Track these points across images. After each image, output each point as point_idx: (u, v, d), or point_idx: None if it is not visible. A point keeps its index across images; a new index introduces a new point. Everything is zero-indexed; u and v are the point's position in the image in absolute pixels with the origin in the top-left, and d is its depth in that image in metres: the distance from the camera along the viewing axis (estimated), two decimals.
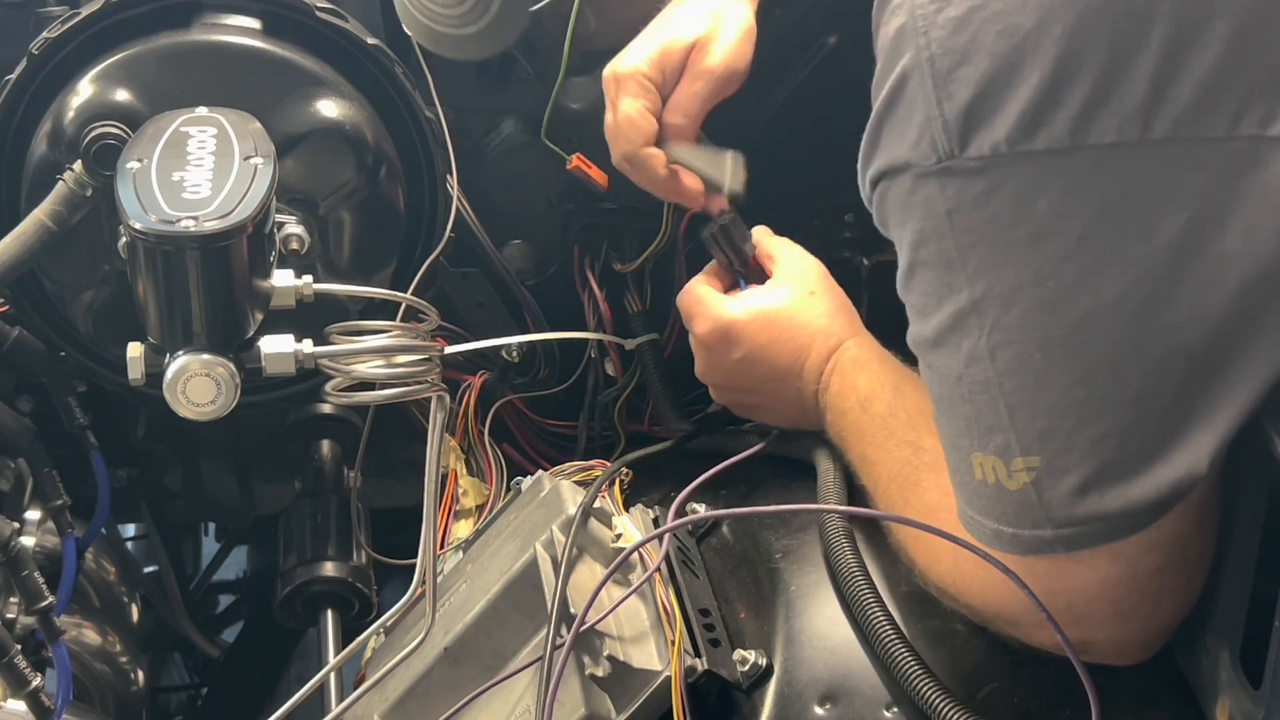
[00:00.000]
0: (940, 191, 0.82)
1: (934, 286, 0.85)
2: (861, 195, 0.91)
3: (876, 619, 0.98)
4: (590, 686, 1.01)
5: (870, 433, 1.09)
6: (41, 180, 1.22)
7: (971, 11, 0.79)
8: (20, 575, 1.15)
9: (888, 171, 0.85)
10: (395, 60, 1.31)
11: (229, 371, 0.99)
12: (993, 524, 0.88)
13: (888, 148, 0.85)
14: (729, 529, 1.17)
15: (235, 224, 1.01)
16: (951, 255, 0.83)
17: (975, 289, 0.83)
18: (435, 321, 1.07)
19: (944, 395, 0.88)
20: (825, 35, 1.38)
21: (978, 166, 0.80)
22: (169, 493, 1.62)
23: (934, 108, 0.80)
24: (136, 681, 1.42)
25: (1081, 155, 0.78)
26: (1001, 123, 0.78)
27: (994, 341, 0.83)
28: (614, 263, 1.45)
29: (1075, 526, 0.84)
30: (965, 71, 0.79)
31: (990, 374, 0.84)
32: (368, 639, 1.17)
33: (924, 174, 0.82)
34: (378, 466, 1.49)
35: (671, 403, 1.40)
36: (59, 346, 1.32)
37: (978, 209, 0.81)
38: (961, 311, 0.84)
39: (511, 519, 1.22)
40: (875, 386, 1.11)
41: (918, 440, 1.03)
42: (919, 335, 0.89)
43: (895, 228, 0.87)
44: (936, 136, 0.81)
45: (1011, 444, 0.84)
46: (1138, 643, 0.92)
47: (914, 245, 0.85)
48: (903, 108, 0.83)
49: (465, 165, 1.41)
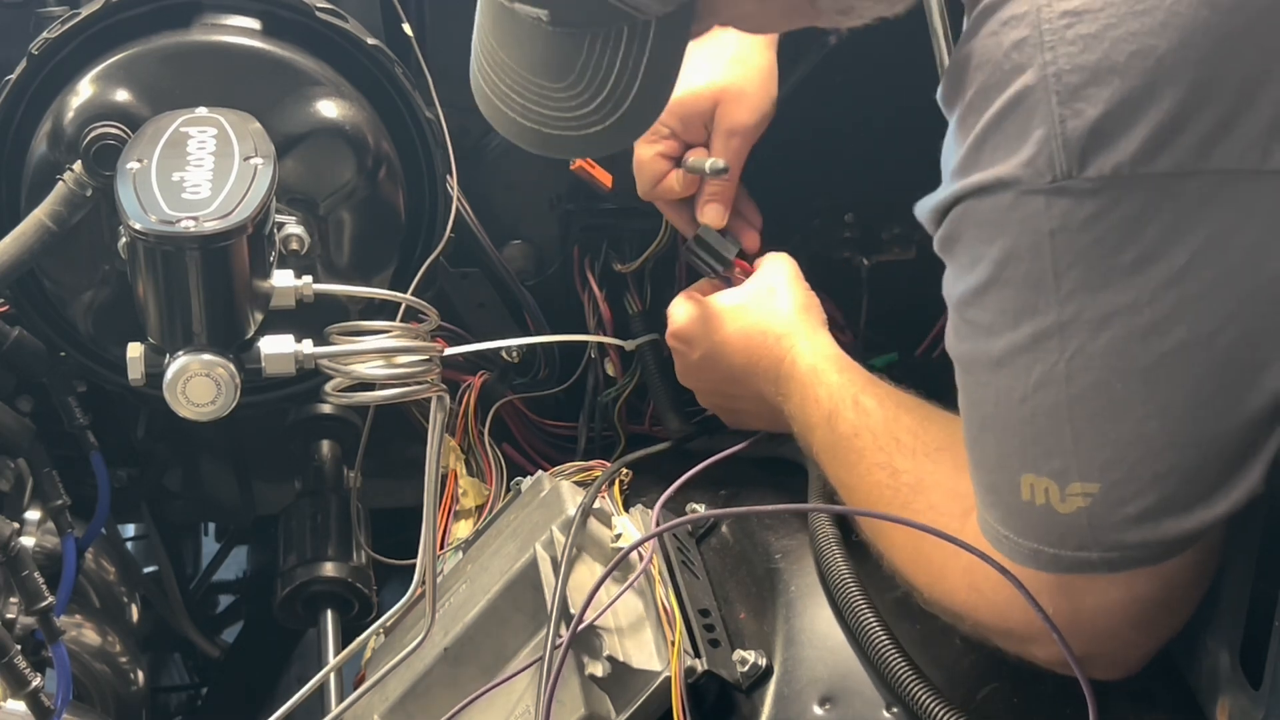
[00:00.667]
0: (1046, 209, 0.80)
1: (1014, 305, 0.83)
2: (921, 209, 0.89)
3: (869, 624, 0.98)
4: (590, 686, 1.01)
5: (840, 453, 1.08)
6: (41, 180, 1.22)
7: (1105, 30, 0.77)
8: (20, 575, 1.15)
9: (986, 187, 0.82)
10: (395, 60, 1.31)
11: (229, 372, 0.99)
12: (1032, 544, 0.86)
13: (991, 163, 0.82)
14: (728, 529, 1.17)
15: (235, 224, 1.01)
16: (1045, 275, 0.81)
17: (1065, 311, 0.81)
18: (435, 322, 1.07)
19: (996, 415, 0.87)
20: (825, 35, 1.38)
21: (1093, 188, 0.78)
22: (169, 493, 1.62)
23: (1056, 125, 0.78)
24: (136, 681, 1.42)
25: (1199, 180, 0.76)
26: (1127, 145, 0.77)
27: (1074, 366, 0.81)
28: (614, 263, 1.45)
29: (1122, 551, 0.84)
30: (1094, 90, 0.77)
31: (1062, 398, 0.82)
32: (368, 639, 1.17)
33: (1031, 191, 0.80)
34: (378, 466, 1.49)
35: (671, 403, 1.40)
36: (59, 346, 1.32)
37: (1084, 231, 0.79)
38: (1043, 333, 0.82)
39: (511, 519, 1.22)
40: (836, 402, 1.09)
41: (890, 462, 1.02)
42: (979, 352, 0.87)
43: (975, 243, 0.85)
44: (1055, 154, 0.79)
45: (1071, 469, 0.83)
46: (1142, 655, 0.92)
47: (999, 262, 0.83)
48: (1015, 123, 0.80)
49: (465, 165, 1.41)
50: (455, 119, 1.39)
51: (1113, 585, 0.86)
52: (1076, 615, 0.87)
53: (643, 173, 1.30)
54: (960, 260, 0.87)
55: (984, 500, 0.90)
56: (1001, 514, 0.88)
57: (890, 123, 1.36)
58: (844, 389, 1.10)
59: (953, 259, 0.88)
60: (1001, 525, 0.88)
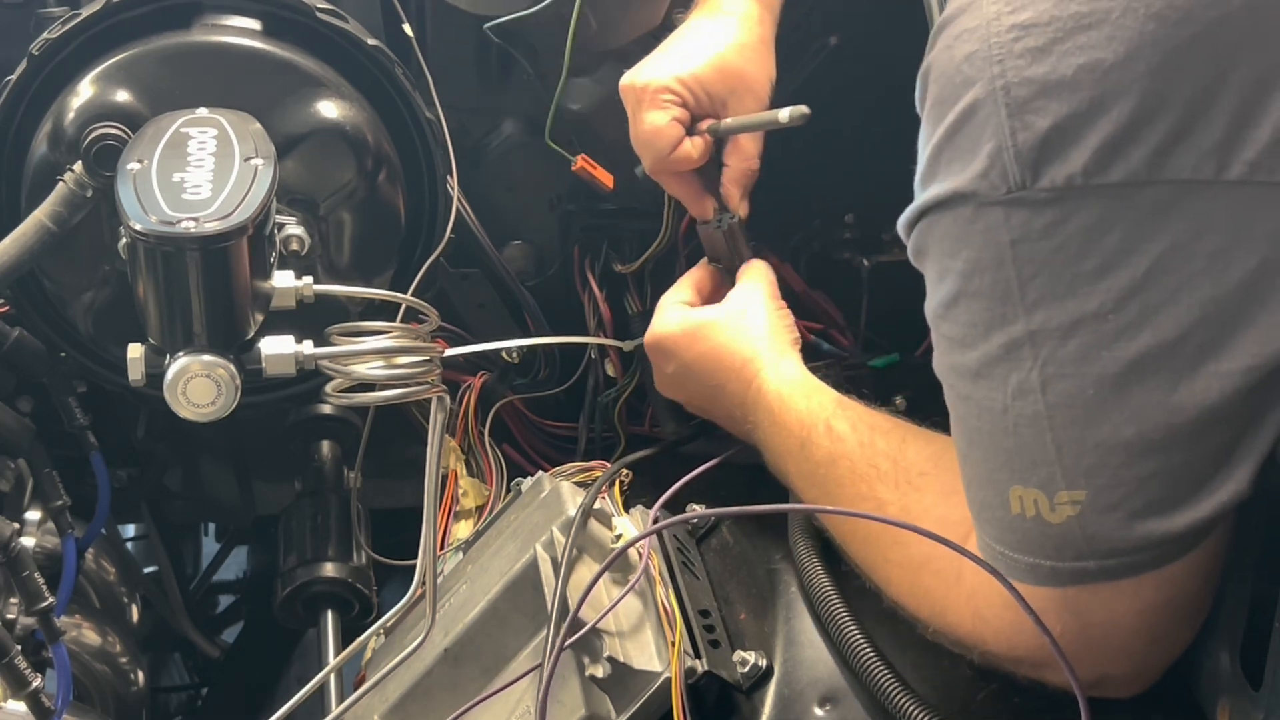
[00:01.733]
0: (1005, 221, 0.80)
1: (983, 317, 0.84)
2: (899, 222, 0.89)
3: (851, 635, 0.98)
4: (590, 687, 1.01)
5: (819, 481, 1.06)
6: (41, 181, 1.22)
7: (1052, 43, 0.78)
8: (20, 575, 1.15)
9: (944, 201, 0.83)
10: (395, 61, 1.31)
11: (229, 372, 0.99)
12: (1029, 558, 0.86)
13: (946, 176, 0.83)
14: (729, 530, 1.17)
15: (235, 225, 1.00)
16: (1010, 285, 0.81)
17: (1033, 320, 0.81)
18: (435, 322, 1.07)
19: (981, 428, 0.87)
20: (825, 35, 1.38)
21: (1049, 198, 0.79)
22: (169, 493, 1.62)
23: (1006, 138, 0.79)
24: (136, 681, 1.42)
25: (1155, 190, 0.77)
26: (1078, 155, 0.77)
27: (1047, 374, 0.82)
28: (614, 263, 1.46)
29: (1119, 557, 0.83)
30: (1043, 103, 0.78)
31: (1040, 407, 0.82)
32: (368, 639, 1.17)
33: (988, 204, 0.81)
34: (378, 467, 1.49)
35: (669, 405, 1.40)
36: (59, 346, 1.32)
37: (1044, 239, 0.80)
38: (1014, 342, 0.82)
39: (511, 520, 1.22)
40: (808, 429, 1.08)
41: (873, 494, 1.01)
42: (957, 364, 0.87)
43: (941, 257, 0.86)
44: (1008, 167, 0.79)
45: (1056, 477, 0.83)
46: (1155, 670, 0.91)
47: (964, 275, 0.84)
48: (968, 137, 0.81)
49: (465, 166, 1.41)
50: (455, 119, 1.39)
51: (1118, 596, 0.86)
52: (1086, 633, 0.87)
53: (658, 140, 1.25)
54: (930, 274, 0.88)
55: (979, 518, 0.90)
56: (996, 531, 0.88)
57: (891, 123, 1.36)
58: (813, 415, 1.09)
59: (925, 272, 0.88)
60: (997, 542, 0.88)
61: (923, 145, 0.86)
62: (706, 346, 1.20)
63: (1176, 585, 0.86)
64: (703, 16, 1.28)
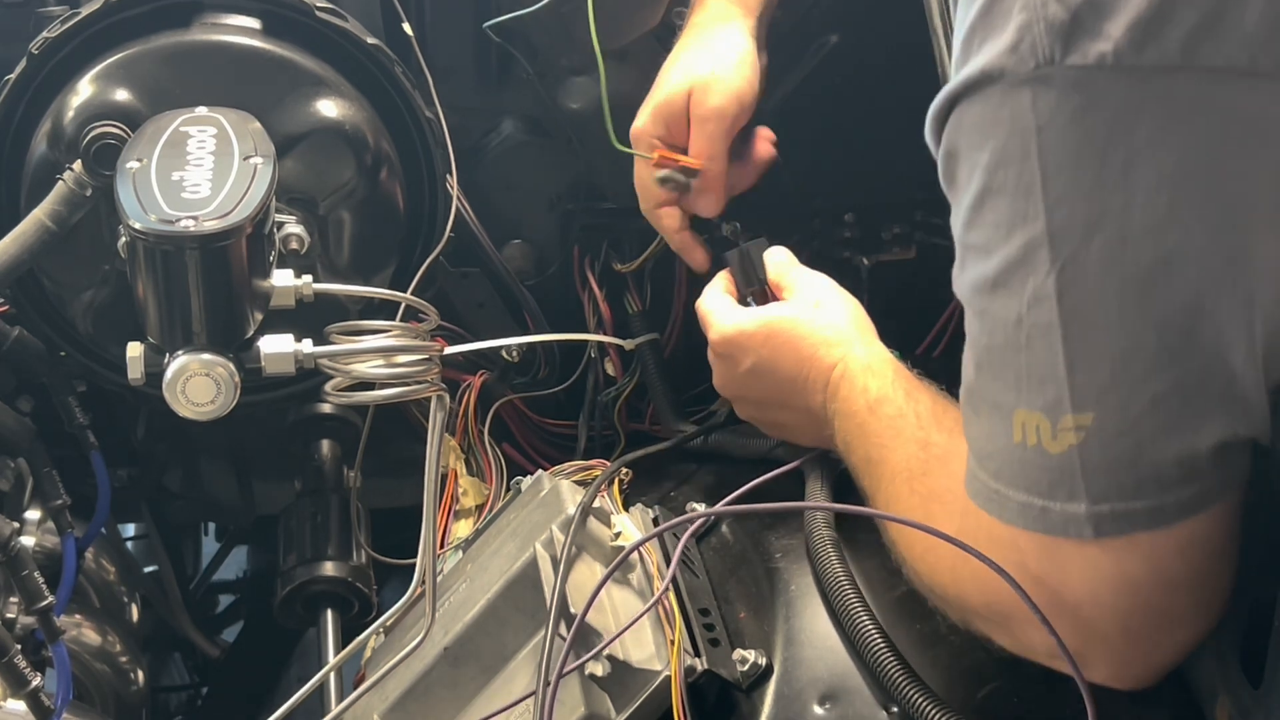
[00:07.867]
0: (1033, 104, 0.77)
1: (1006, 216, 0.81)
2: (927, 126, 0.86)
3: (864, 625, 0.98)
4: (590, 686, 1.01)
5: (876, 433, 1.06)
6: (41, 180, 1.22)
7: None
8: (20, 575, 1.14)
9: (974, 83, 0.80)
10: (395, 60, 1.31)
11: (229, 371, 0.99)
12: (1022, 495, 0.85)
13: (977, 53, 0.80)
14: (728, 528, 1.17)
15: (235, 224, 1.01)
16: (1033, 178, 0.79)
17: (1054, 216, 0.78)
18: (435, 321, 1.07)
19: (995, 345, 0.84)
20: (825, 35, 1.38)
21: (1078, 78, 0.76)
22: (169, 493, 1.62)
23: (1038, 9, 0.76)
24: (136, 681, 1.42)
25: (1188, 77, 0.74)
26: (1111, 30, 0.74)
27: (1065, 278, 0.79)
28: (614, 263, 1.46)
29: (1110, 503, 0.82)
30: None
31: (1054, 316, 0.80)
32: (367, 639, 1.17)
33: (1017, 83, 0.78)
34: (378, 466, 1.49)
35: (671, 403, 1.40)
36: (59, 346, 1.32)
37: (1072, 126, 0.77)
38: (1033, 241, 0.80)
39: (511, 519, 1.22)
40: (887, 390, 1.08)
41: (926, 438, 1.01)
42: (977, 279, 0.85)
43: (970, 151, 0.83)
44: (1038, 40, 0.76)
45: (1064, 398, 0.81)
46: (1135, 671, 0.90)
47: (989, 169, 0.81)
48: (1000, 13, 0.78)
49: (465, 165, 1.41)
50: (455, 119, 1.39)
51: (1103, 556, 0.84)
52: (1061, 596, 0.86)
53: (644, 194, 1.32)
54: (960, 181, 0.85)
55: (976, 453, 0.89)
56: (995, 466, 0.87)
57: (890, 123, 1.36)
58: (897, 381, 1.09)
59: (954, 185, 0.86)
60: (994, 479, 0.87)
61: (958, 30, 0.83)
62: (785, 339, 1.18)
63: (1158, 563, 0.84)
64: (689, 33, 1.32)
